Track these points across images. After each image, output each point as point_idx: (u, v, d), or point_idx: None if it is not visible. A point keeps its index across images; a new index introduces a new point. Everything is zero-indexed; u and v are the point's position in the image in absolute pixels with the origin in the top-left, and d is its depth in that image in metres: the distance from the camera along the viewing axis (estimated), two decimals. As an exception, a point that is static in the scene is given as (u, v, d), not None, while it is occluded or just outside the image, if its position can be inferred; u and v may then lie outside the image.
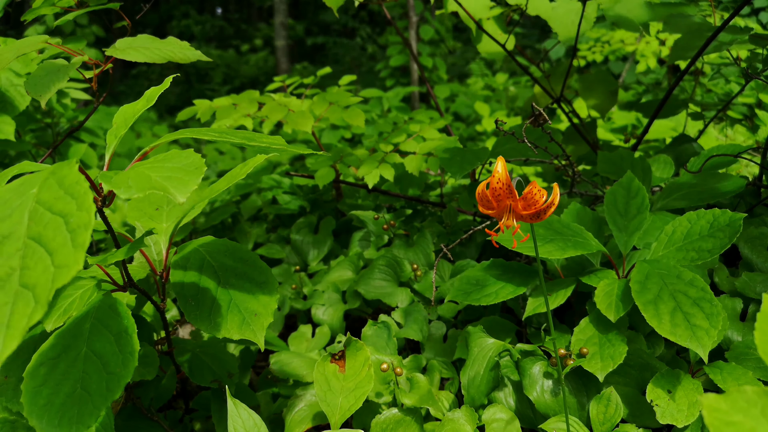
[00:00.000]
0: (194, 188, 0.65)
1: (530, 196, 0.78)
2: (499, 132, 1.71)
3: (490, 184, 0.79)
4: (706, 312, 1.00)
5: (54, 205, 0.62)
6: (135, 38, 1.26)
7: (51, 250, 0.59)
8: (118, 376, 0.82)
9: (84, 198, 0.62)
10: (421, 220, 1.97)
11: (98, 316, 0.89)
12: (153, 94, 0.91)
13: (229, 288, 1.02)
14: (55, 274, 0.58)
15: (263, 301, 1.02)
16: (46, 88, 1.19)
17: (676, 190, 1.48)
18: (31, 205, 0.63)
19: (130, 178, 0.68)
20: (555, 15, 1.89)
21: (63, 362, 0.84)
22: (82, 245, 0.59)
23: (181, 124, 8.01)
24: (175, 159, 0.73)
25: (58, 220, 0.61)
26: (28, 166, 0.78)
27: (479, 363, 1.19)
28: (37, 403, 0.80)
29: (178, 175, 0.67)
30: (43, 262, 0.59)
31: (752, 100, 2.86)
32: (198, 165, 0.70)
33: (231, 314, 0.99)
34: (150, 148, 0.84)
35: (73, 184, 0.64)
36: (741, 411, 0.43)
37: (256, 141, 0.86)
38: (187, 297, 1.00)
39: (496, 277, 1.27)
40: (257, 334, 0.98)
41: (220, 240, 1.09)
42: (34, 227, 0.61)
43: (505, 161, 0.78)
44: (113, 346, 0.85)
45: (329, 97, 1.96)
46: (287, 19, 9.55)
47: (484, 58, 7.00)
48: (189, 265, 1.04)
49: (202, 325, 0.98)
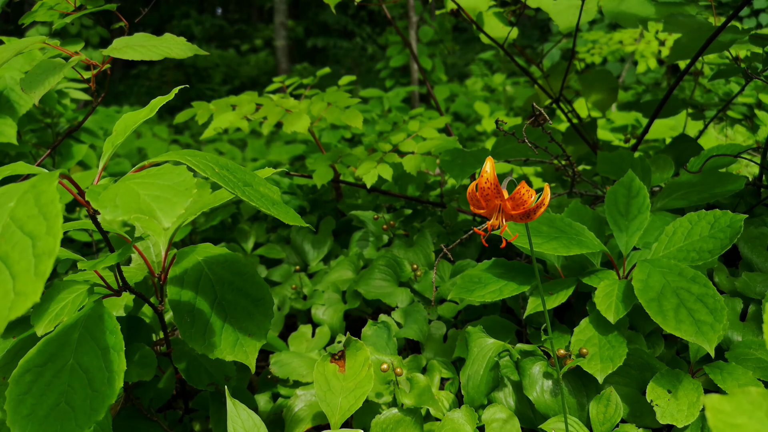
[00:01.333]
0: (181, 212, 0.63)
1: (518, 196, 0.78)
2: (499, 132, 1.71)
3: (478, 184, 0.79)
4: (710, 307, 1.00)
5: (26, 224, 0.60)
6: (132, 37, 1.25)
7: (14, 273, 0.57)
8: (103, 395, 0.81)
9: (54, 221, 0.60)
10: (421, 220, 1.97)
11: (87, 325, 0.88)
12: (156, 104, 0.90)
13: (226, 305, 1.02)
14: (13, 301, 0.55)
15: (258, 320, 1.02)
16: (40, 84, 1.18)
17: (676, 190, 1.48)
18: (4, 221, 0.60)
19: (118, 195, 0.66)
20: (556, 8, 1.89)
21: (49, 371, 0.83)
22: (43, 274, 0.56)
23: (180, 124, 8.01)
24: (166, 176, 0.70)
25: (27, 242, 0.59)
26: (21, 168, 0.77)
27: (479, 363, 1.19)
28: (20, 413, 0.79)
29: (167, 195, 0.65)
30: (4, 285, 0.56)
31: (752, 100, 2.86)
32: (188, 186, 0.67)
33: (225, 333, 1.00)
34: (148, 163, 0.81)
35: (47, 203, 0.62)
36: (745, 413, 0.43)
37: (251, 189, 0.83)
38: (182, 313, 1.00)
39: (497, 275, 1.26)
40: (249, 356, 0.99)
41: (220, 251, 1.09)
42: (3, 246, 0.58)
43: (494, 162, 0.79)
44: (100, 362, 0.84)
45: (328, 97, 1.96)
46: (287, 19, 9.54)
47: (483, 59, 7.00)
48: (186, 278, 1.04)
49: (196, 344, 0.98)
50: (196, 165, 0.78)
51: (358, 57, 13.47)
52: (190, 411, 1.37)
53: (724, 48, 1.60)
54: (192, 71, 13.04)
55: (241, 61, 13.81)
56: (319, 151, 2.30)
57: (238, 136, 4.75)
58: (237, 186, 0.80)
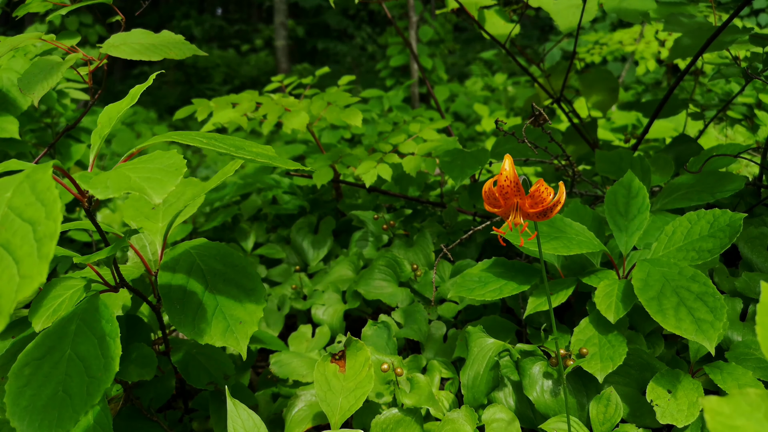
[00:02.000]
0: (172, 189, 0.64)
1: (537, 194, 0.77)
2: (498, 132, 1.71)
3: (497, 182, 0.78)
4: (710, 306, 1.00)
5: (24, 212, 0.61)
6: (129, 33, 1.23)
7: (17, 258, 0.58)
8: (99, 381, 0.82)
9: (53, 206, 0.61)
10: (421, 220, 1.97)
11: (84, 317, 0.89)
12: (136, 92, 0.91)
13: (216, 293, 1.02)
14: (19, 284, 0.56)
15: (249, 309, 1.02)
16: (38, 85, 1.17)
17: (676, 190, 1.48)
18: (3, 210, 0.61)
19: (110, 178, 0.67)
20: (557, 8, 1.89)
21: (47, 363, 0.84)
22: (46, 256, 0.58)
23: (179, 122, 8.01)
24: (157, 160, 0.72)
25: (27, 228, 0.60)
26: (15, 165, 0.77)
27: (479, 363, 1.19)
28: (19, 404, 0.80)
29: (157, 176, 0.67)
30: (8, 270, 0.57)
31: (752, 100, 2.86)
32: (178, 166, 0.69)
33: (216, 320, 0.99)
34: (137, 149, 0.83)
35: (44, 191, 0.63)
36: (744, 414, 0.43)
37: (244, 150, 0.85)
38: (172, 300, 1.00)
39: (498, 275, 1.26)
40: (240, 342, 0.98)
41: (213, 243, 1.09)
42: (4, 233, 0.60)
43: (512, 159, 0.78)
44: (96, 350, 0.85)
45: (327, 97, 1.96)
46: (287, 19, 9.54)
47: (484, 58, 7.00)
48: (178, 267, 1.04)
49: (186, 329, 0.97)
50: (183, 140, 0.80)
51: (358, 57, 13.47)
52: (190, 411, 1.37)
53: (724, 47, 1.59)
54: (192, 71, 13.04)
55: (241, 61, 13.80)
56: (319, 151, 2.30)
57: (238, 137, 4.76)
58: (228, 149, 0.82)
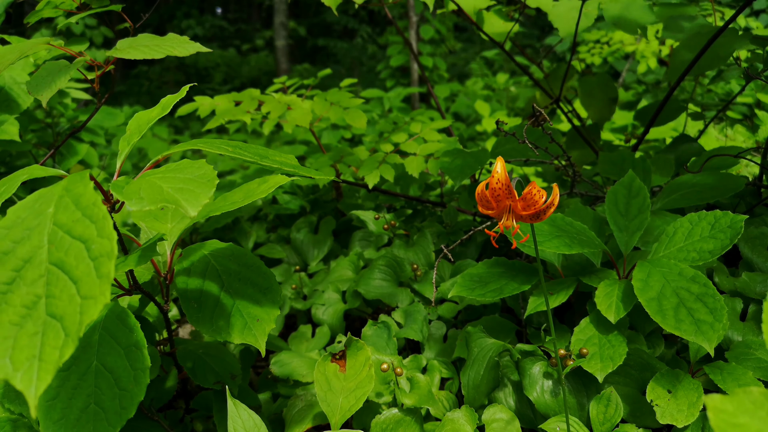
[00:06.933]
0: (206, 201, 0.62)
1: (530, 196, 0.77)
2: (499, 132, 1.71)
3: (489, 184, 0.78)
4: (710, 307, 1.00)
5: (73, 229, 0.59)
6: (136, 38, 1.27)
7: (75, 278, 0.55)
8: (131, 394, 0.81)
9: (104, 223, 0.59)
10: (421, 219, 1.97)
11: (106, 326, 0.88)
12: (169, 102, 0.90)
13: (233, 292, 1.02)
14: (82, 305, 0.54)
15: (266, 306, 1.02)
16: (47, 87, 1.19)
17: (676, 190, 1.48)
18: (49, 227, 0.59)
19: (142, 188, 0.65)
20: (556, 11, 1.89)
21: (74, 375, 0.83)
22: (107, 276, 0.55)
23: (180, 121, 8.01)
24: (187, 170, 0.70)
25: (79, 246, 0.57)
26: (36, 171, 0.76)
27: (479, 363, 1.19)
28: (52, 418, 0.79)
29: (190, 187, 0.65)
30: (68, 291, 0.55)
31: (752, 100, 2.86)
32: (210, 177, 0.68)
33: (233, 318, 0.99)
34: (162, 157, 0.83)
35: (90, 206, 0.61)
36: (747, 412, 0.42)
37: (268, 159, 0.85)
38: (189, 299, 1.00)
39: (498, 274, 1.26)
40: (258, 339, 0.97)
41: (226, 244, 1.09)
42: (55, 252, 0.57)
43: (504, 161, 0.78)
44: (123, 361, 0.84)
45: (330, 97, 1.96)
46: (287, 19, 9.54)
47: (484, 58, 7.00)
48: (193, 268, 1.04)
49: (204, 327, 0.98)
50: (211, 149, 0.80)
51: (358, 57, 13.47)
52: (191, 411, 1.38)
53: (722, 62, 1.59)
54: (193, 71, 13.04)
55: (241, 61, 13.81)
56: (320, 151, 2.30)
57: (238, 138, 4.76)
58: (254, 158, 0.82)
